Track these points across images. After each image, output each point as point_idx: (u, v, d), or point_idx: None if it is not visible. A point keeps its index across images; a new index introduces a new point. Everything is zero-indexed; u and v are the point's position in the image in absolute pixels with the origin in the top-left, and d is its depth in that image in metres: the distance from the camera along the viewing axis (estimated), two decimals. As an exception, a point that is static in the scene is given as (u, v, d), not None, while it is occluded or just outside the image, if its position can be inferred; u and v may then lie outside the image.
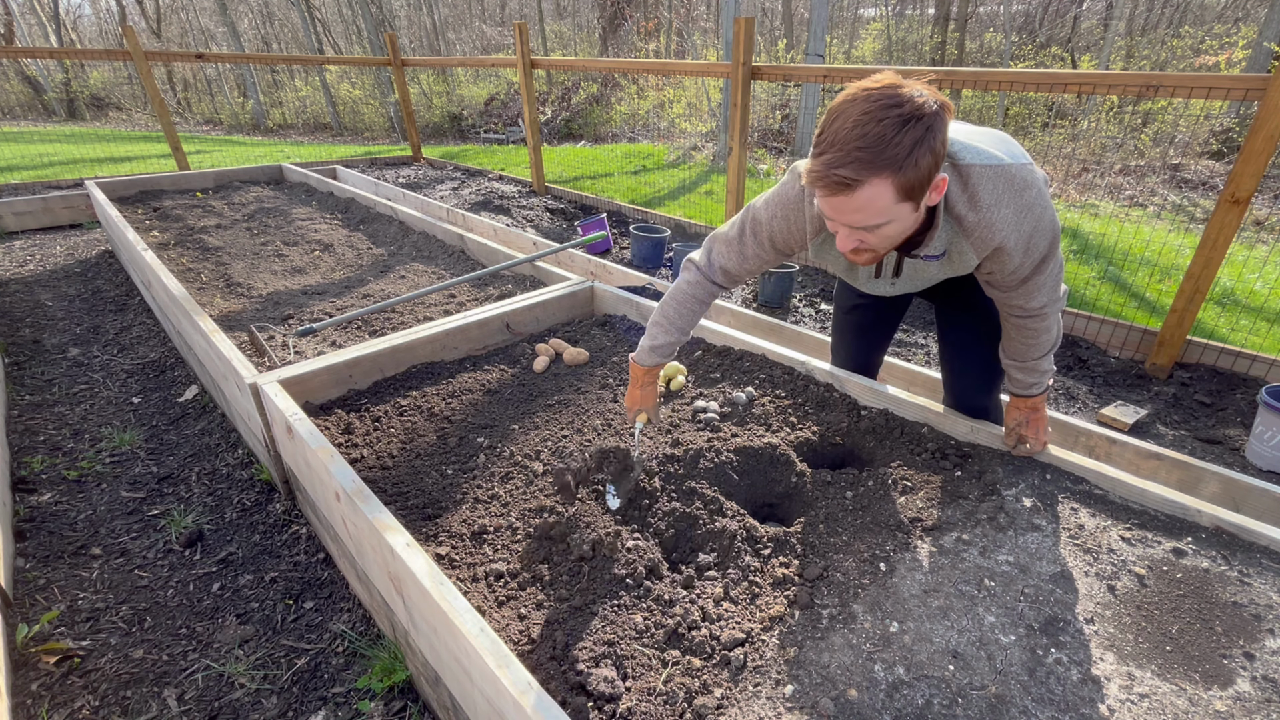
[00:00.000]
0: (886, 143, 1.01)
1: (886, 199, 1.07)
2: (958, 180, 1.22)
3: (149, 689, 1.58)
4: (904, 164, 1.03)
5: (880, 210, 1.09)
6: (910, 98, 1.02)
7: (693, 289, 1.57)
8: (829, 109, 1.10)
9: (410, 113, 8.20)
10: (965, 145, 1.22)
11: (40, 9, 20.79)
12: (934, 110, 1.04)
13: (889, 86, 1.03)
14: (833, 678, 1.16)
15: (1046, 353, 1.52)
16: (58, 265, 4.48)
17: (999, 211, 1.22)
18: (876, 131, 1.01)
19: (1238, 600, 1.27)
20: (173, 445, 2.55)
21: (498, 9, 24.11)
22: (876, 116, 1.01)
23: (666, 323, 1.58)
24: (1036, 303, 1.39)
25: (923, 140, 1.02)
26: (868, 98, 1.03)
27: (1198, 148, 9.24)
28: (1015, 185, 1.22)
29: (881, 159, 1.02)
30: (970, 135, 1.27)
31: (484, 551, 1.52)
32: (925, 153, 1.03)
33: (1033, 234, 1.26)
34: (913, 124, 1.01)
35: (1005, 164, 1.22)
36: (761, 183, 7.45)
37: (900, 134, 1.01)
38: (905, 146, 1.02)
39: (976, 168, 1.21)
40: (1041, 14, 15.06)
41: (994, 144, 1.26)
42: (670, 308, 1.58)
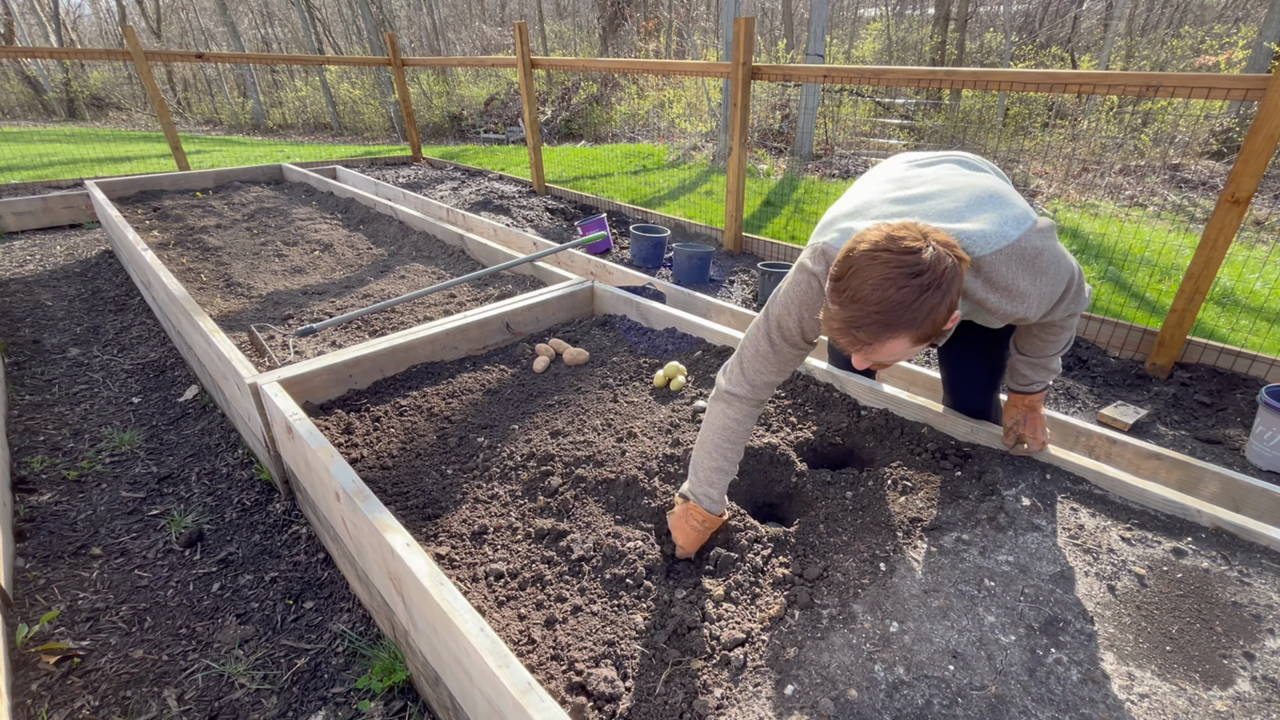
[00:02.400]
0: (906, 308, 1.04)
1: (903, 347, 1.11)
2: (973, 273, 1.22)
3: (149, 689, 1.58)
4: (922, 323, 1.06)
5: (897, 354, 1.13)
6: (930, 264, 1.04)
7: (745, 418, 1.45)
8: (848, 256, 1.09)
9: (410, 113, 8.20)
10: (970, 235, 1.20)
11: (40, 9, 20.78)
12: (952, 272, 1.05)
13: (909, 251, 1.04)
14: (833, 678, 1.16)
15: (1060, 350, 1.54)
16: (58, 265, 4.48)
17: (1017, 288, 1.23)
18: (896, 298, 1.03)
19: (1238, 600, 1.27)
20: (173, 445, 2.55)
21: (498, 9, 24.11)
22: (897, 284, 1.03)
23: (728, 464, 1.45)
24: (1060, 316, 1.41)
25: (941, 302, 1.05)
26: (888, 262, 1.04)
27: (1198, 148, 9.24)
28: (1027, 258, 1.22)
29: (900, 322, 1.05)
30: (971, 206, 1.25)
31: (484, 551, 1.52)
32: (943, 309, 1.06)
33: (1051, 289, 1.28)
34: (932, 290, 1.04)
35: (1013, 240, 1.21)
36: (761, 183, 7.45)
37: (919, 300, 1.03)
38: (924, 311, 1.04)
39: (987, 258, 1.21)
40: (1041, 14, 15.06)
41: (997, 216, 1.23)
42: (728, 449, 1.44)
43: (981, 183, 1.31)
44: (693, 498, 1.45)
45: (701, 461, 1.45)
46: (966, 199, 1.27)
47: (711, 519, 1.44)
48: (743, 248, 4.83)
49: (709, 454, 1.44)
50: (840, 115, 10.75)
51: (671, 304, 2.93)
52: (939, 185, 1.30)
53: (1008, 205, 1.26)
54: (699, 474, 1.45)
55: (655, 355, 2.40)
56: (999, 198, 1.28)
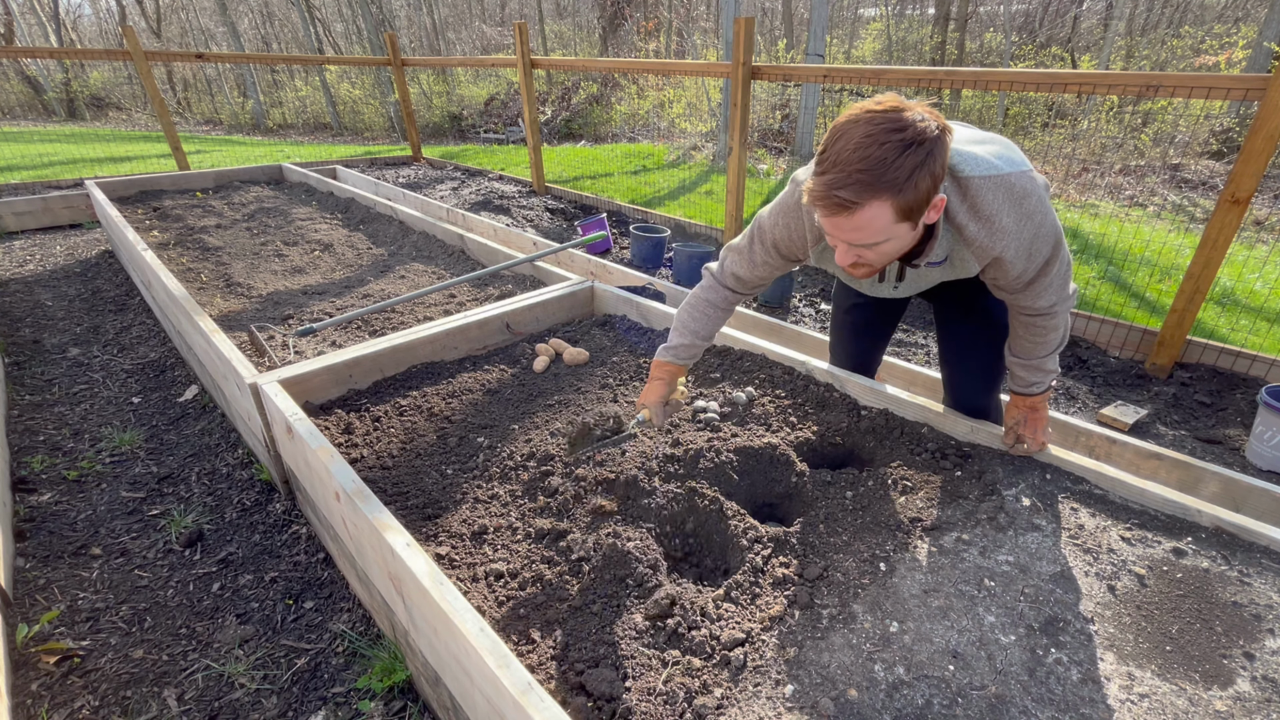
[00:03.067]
0: (888, 166, 1.02)
1: (885, 220, 1.08)
2: (957, 191, 1.22)
3: (149, 689, 1.58)
4: (904, 187, 1.04)
5: (879, 230, 1.10)
6: (912, 122, 1.03)
7: (705, 293, 1.65)
8: (832, 128, 1.10)
9: (410, 113, 8.20)
10: (964, 155, 1.22)
11: (40, 9, 20.79)
12: (935, 135, 1.05)
13: (892, 110, 1.04)
14: (833, 678, 1.16)
15: (1052, 351, 1.53)
16: (58, 265, 4.48)
17: (998, 220, 1.23)
18: (878, 155, 1.02)
19: (1238, 600, 1.27)
20: (173, 445, 2.55)
21: (498, 9, 24.10)
22: (879, 140, 1.02)
23: (682, 326, 1.65)
24: (1044, 302, 1.40)
25: (923, 164, 1.03)
26: (870, 120, 1.04)
27: (1198, 148, 9.24)
28: (1014, 194, 1.22)
29: (882, 182, 1.03)
30: (970, 142, 1.27)
31: (484, 551, 1.52)
32: (925, 176, 1.04)
33: (1033, 240, 1.27)
34: (914, 148, 1.02)
35: (1004, 173, 1.22)
36: (761, 183, 7.45)
37: (901, 157, 1.02)
38: (906, 170, 1.03)
39: (975, 179, 1.21)
40: (1041, 14, 15.06)
41: (994, 151, 1.26)
42: (685, 312, 1.66)
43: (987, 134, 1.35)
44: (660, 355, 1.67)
45: (673, 324, 1.68)
46: (968, 135, 1.30)
47: (668, 367, 1.64)
48: (743, 248, 4.82)
49: (677, 320, 1.67)
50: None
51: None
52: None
53: (1008, 148, 1.29)
54: (667, 337, 1.68)
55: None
56: (1001, 141, 1.31)
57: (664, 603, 1.32)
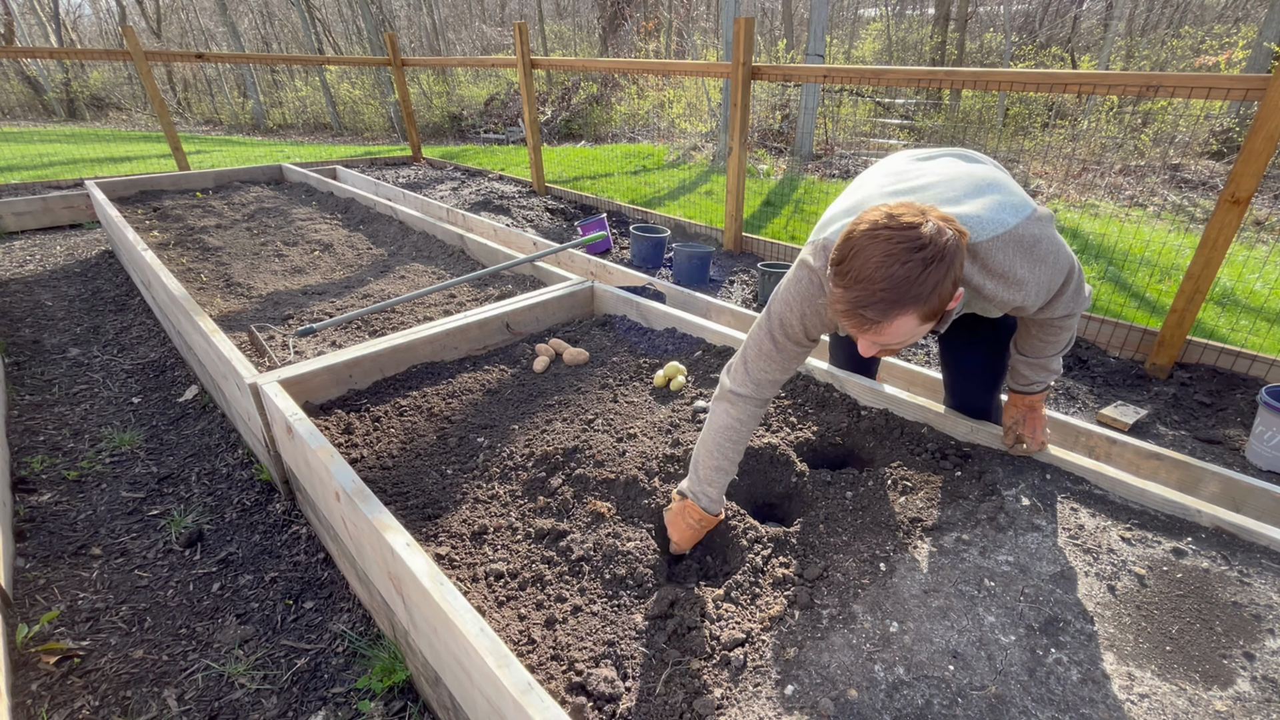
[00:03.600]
0: (911, 283, 1.03)
1: (910, 326, 1.09)
2: (970, 258, 1.22)
3: (149, 689, 1.58)
4: (929, 298, 1.05)
5: (904, 334, 1.12)
6: (931, 238, 1.03)
7: (749, 418, 1.44)
8: (849, 237, 1.08)
9: (410, 113, 8.20)
10: (968, 219, 1.21)
11: (40, 9, 20.78)
12: (954, 245, 1.05)
13: (909, 226, 1.04)
14: (833, 678, 1.16)
15: (1060, 350, 1.54)
16: (58, 265, 4.48)
17: (1014, 275, 1.23)
18: (901, 274, 1.03)
19: (1238, 600, 1.27)
20: (173, 445, 2.55)
21: (498, 9, 24.10)
22: (900, 259, 1.03)
23: (729, 464, 1.44)
24: (1060, 313, 1.41)
25: (945, 276, 1.04)
26: (889, 239, 1.04)
27: (1198, 148, 9.24)
28: (1024, 245, 1.22)
29: (907, 298, 1.04)
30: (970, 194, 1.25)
31: (484, 551, 1.52)
32: (947, 284, 1.05)
33: (1049, 279, 1.28)
34: (935, 264, 1.03)
35: (1011, 227, 1.21)
36: (761, 183, 7.45)
37: (924, 274, 1.03)
38: (929, 285, 1.04)
39: (984, 243, 1.21)
40: (1041, 14, 15.06)
41: (995, 202, 1.24)
42: (730, 448, 1.44)
43: (980, 172, 1.32)
44: (691, 496, 1.45)
45: (702, 460, 1.45)
46: (965, 187, 1.27)
47: (708, 518, 1.45)
48: (743, 248, 4.83)
49: (710, 453, 1.44)
50: (840, 115, 10.75)
51: (671, 304, 2.93)
52: (937, 176, 1.31)
53: (1006, 193, 1.26)
54: (699, 472, 1.45)
55: (655, 355, 2.40)
56: (998, 185, 1.28)
57: (664, 603, 1.32)
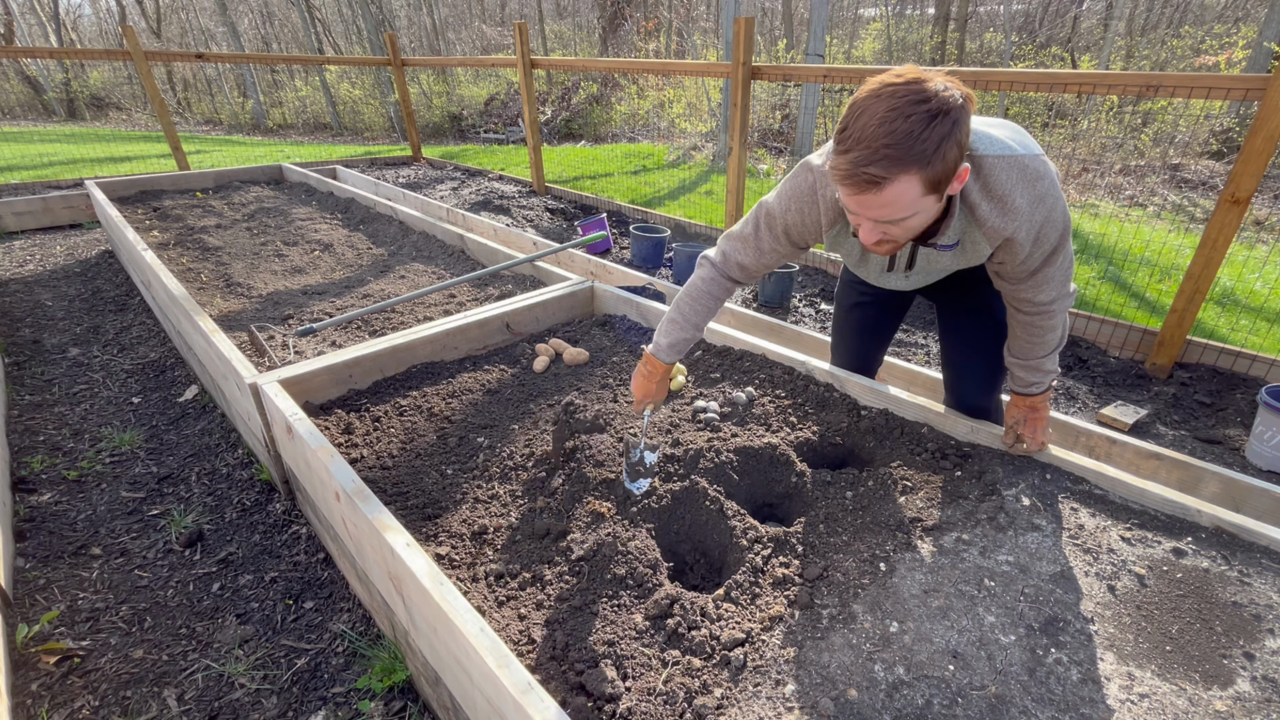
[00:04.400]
0: (915, 139, 1.00)
1: (914, 193, 1.06)
2: (972, 169, 1.22)
3: (149, 689, 1.58)
4: (932, 158, 1.02)
5: (907, 204, 1.08)
6: (936, 92, 1.01)
7: (707, 285, 1.58)
8: (851, 103, 1.07)
9: (410, 113, 8.20)
10: (979, 135, 1.22)
11: (40, 9, 20.78)
12: (960, 103, 1.03)
13: (914, 81, 1.02)
14: (833, 678, 1.16)
15: (1051, 351, 1.53)
16: (58, 265, 4.48)
17: (1012, 200, 1.23)
18: (905, 128, 1.00)
19: (1238, 600, 1.27)
20: (173, 445, 2.55)
21: (498, 9, 24.11)
22: (904, 112, 1.00)
23: (682, 319, 1.59)
24: (1045, 296, 1.40)
25: (950, 134, 1.02)
26: (893, 93, 1.02)
27: (1198, 148, 9.24)
28: (1028, 175, 1.22)
29: (910, 155, 1.01)
30: (985, 125, 1.28)
31: (484, 551, 1.52)
32: (952, 145, 1.03)
33: (1044, 224, 1.27)
34: (940, 119, 1.00)
35: (1018, 154, 1.22)
36: (762, 183, 7.45)
37: (928, 129, 1.00)
38: (934, 141, 1.01)
39: (990, 158, 1.21)
40: (1041, 14, 15.06)
41: (1008, 134, 1.26)
42: (685, 304, 1.59)
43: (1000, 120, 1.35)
44: (648, 349, 1.61)
45: (665, 316, 1.61)
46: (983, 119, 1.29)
47: (655, 364, 1.60)
48: (743, 248, 4.82)
49: (671, 309, 1.60)
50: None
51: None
52: None
53: (1021, 133, 1.29)
54: (659, 328, 1.61)
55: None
56: (1014, 126, 1.31)
57: (664, 603, 1.32)
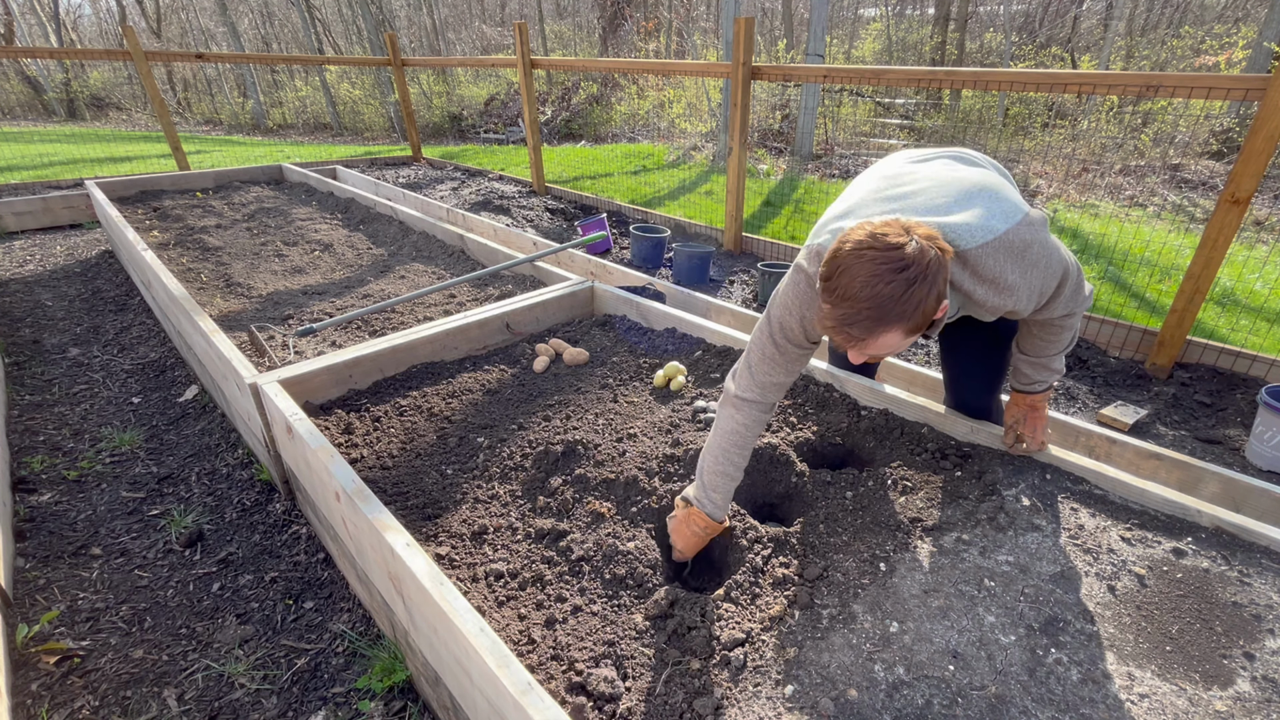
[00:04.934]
0: (895, 302, 1.05)
1: (896, 340, 1.12)
2: (959, 265, 1.23)
3: (149, 689, 1.58)
4: (913, 315, 1.07)
5: (891, 346, 1.14)
6: (914, 258, 1.05)
7: (754, 423, 1.44)
8: (835, 256, 1.10)
9: (410, 113, 8.20)
10: (957, 230, 1.20)
11: (40, 9, 20.78)
12: (936, 263, 1.07)
13: (893, 248, 1.05)
14: (833, 678, 1.16)
15: (1062, 350, 1.54)
16: (58, 265, 4.48)
17: (1004, 280, 1.23)
18: (886, 293, 1.05)
19: (1238, 600, 1.27)
20: (173, 445, 2.55)
21: (498, 9, 24.11)
22: (884, 279, 1.05)
23: (734, 469, 1.44)
24: (1059, 313, 1.41)
25: (928, 293, 1.06)
26: (874, 259, 1.05)
27: (1198, 148, 9.24)
28: (1015, 251, 1.22)
29: (891, 316, 1.06)
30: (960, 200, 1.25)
31: (484, 551, 1.52)
32: (932, 300, 1.08)
33: (1042, 284, 1.28)
34: (919, 283, 1.05)
35: (1000, 234, 1.21)
36: (761, 183, 7.45)
37: (907, 293, 1.05)
38: (913, 303, 1.06)
39: (974, 250, 1.21)
40: (1041, 14, 15.06)
41: (986, 208, 1.23)
42: (735, 453, 1.44)
43: (973, 177, 1.31)
44: (696, 503, 1.45)
45: (708, 466, 1.44)
46: (955, 193, 1.26)
47: (713, 525, 1.44)
48: (743, 248, 4.83)
49: (716, 459, 1.43)
50: (840, 115, 10.75)
51: (671, 304, 2.93)
52: (929, 182, 1.31)
53: (997, 199, 1.25)
54: (704, 479, 1.45)
55: (655, 355, 2.40)
56: (989, 191, 1.27)
57: (664, 603, 1.32)
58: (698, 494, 1.46)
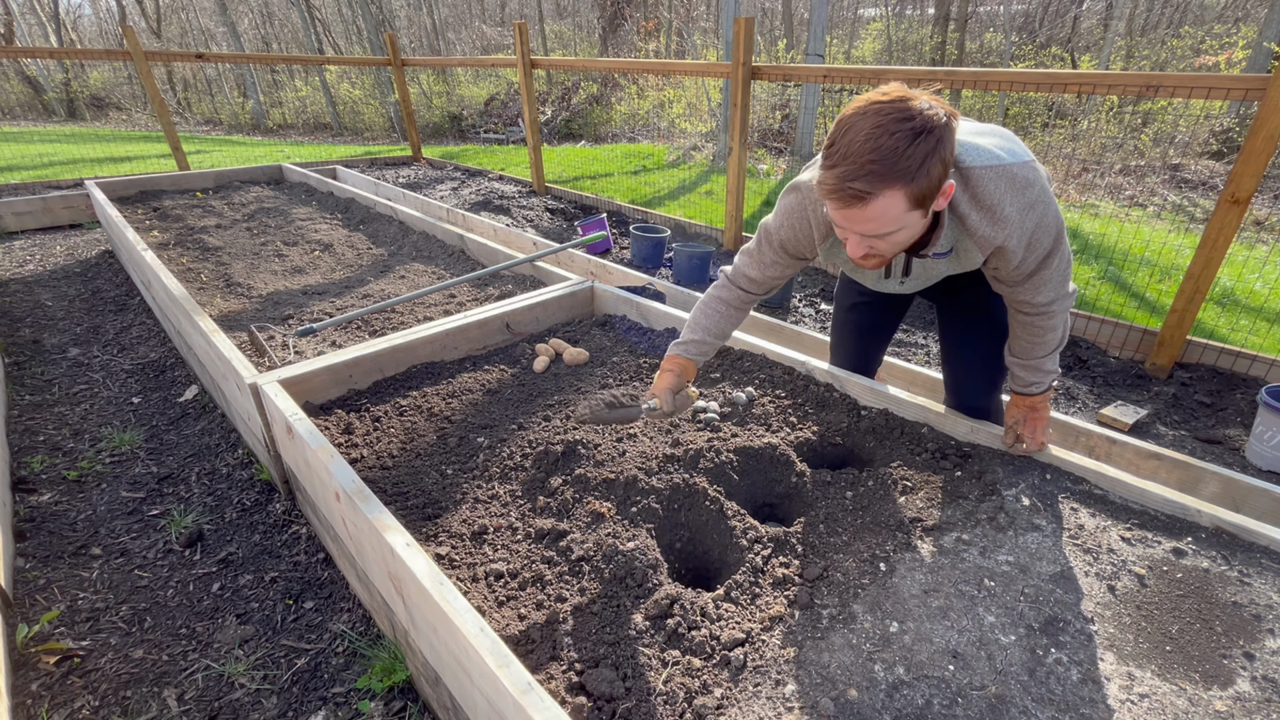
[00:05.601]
0: (900, 155, 1.03)
1: (899, 209, 1.09)
2: (960, 181, 1.23)
3: (149, 689, 1.58)
4: (916, 175, 1.04)
5: (892, 219, 1.11)
6: (920, 110, 1.04)
7: (718, 291, 1.69)
8: (838, 120, 1.11)
9: (410, 113, 8.20)
10: (967, 146, 1.23)
11: (40, 9, 20.78)
12: (944, 121, 1.06)
13: (899, 100, 1.05)
14: (833, 678, 1.16)
15: (1051, 352, 1.53)
16: (58, 265, 4.48)
17: (1001, 210, 1.23)
18: (889, 144, 1.03)
19: (1238, 600, 1.27)
20: (173, 445, 2.55)
21: (498, 9, 24.11)
22: (889, 130, 1.03)
23: (694, 324, 1.68)
24: (1043, 298, 1.40)
25: (934, 151, 1.04)
26: (879, 111, 1.05)
27: (1198, 148, 9.24)
28: (1016, 184, 1.23)
29: (895, 171, 1.04)
30: (974, 134, 1.28)
31: (484, 551, 1.51)
32: (936, 162, 1.05)
33: (1035, 230, 1.27)
34: (924, 136, 1.03)
35: (1006, 163, 1.23)
36: (761, 183, 7.45)
37: (912, 146, 1.03)
38: (918, 158, 1.03)
39: (978, 169, 1.22)
40: (1041, 14, 15.06)
41: (996, 143, 1.26)
42: (698, 310, 1.70)
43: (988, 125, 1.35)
44: (674, 350, 1.67)
45: (687, 325, 1.70)
46: (970, 127, 1.31)
47: (678, 360, 1.64)
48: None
49: (693, 318, 1.70)
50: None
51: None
52: None
53: (1009, 139, 1.29)
54: (683, 333, 1.69)
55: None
56: (1001, 133, 1.31)
57: (664, 603, 1.32)
58: (676, 342, 1.69)
